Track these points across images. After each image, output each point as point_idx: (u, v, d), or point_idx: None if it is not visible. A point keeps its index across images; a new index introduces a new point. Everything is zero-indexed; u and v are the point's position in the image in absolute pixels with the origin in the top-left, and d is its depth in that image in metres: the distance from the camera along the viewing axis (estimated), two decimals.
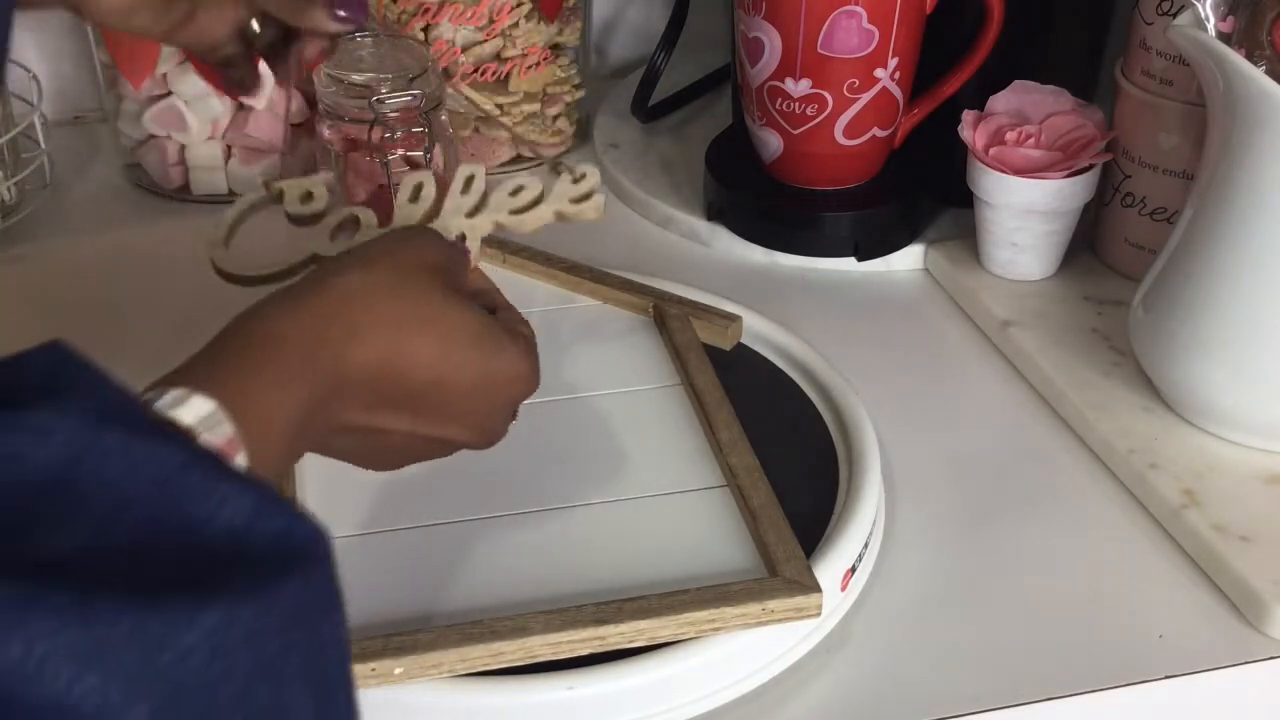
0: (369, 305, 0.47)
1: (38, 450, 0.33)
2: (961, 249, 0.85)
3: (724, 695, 0.55)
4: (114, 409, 0.36)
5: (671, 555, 0.57)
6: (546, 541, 0.59)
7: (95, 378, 0.37)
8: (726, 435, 0.63)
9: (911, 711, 0.56)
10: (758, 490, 0.60)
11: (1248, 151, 0.62)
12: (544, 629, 0.52)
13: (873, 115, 0.83)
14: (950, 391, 0.76)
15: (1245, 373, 0.66)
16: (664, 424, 0.66)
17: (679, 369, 0.69)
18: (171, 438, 0.37)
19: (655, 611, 0.53)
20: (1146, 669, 0.58)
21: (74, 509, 0.33)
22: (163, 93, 0.89)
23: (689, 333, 0.71)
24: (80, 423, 0.34)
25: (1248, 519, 0.64)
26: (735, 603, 0.53)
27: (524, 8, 0.92)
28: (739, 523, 0.59)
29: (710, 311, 0.73)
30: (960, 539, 0.65)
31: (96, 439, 0.34)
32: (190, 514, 0.35)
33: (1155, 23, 0.76)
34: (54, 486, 0.33)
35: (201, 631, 0.32)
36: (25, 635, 0.29)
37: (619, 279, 0.76)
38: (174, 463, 0.35)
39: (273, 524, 0.36)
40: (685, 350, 0.70)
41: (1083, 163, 0.78)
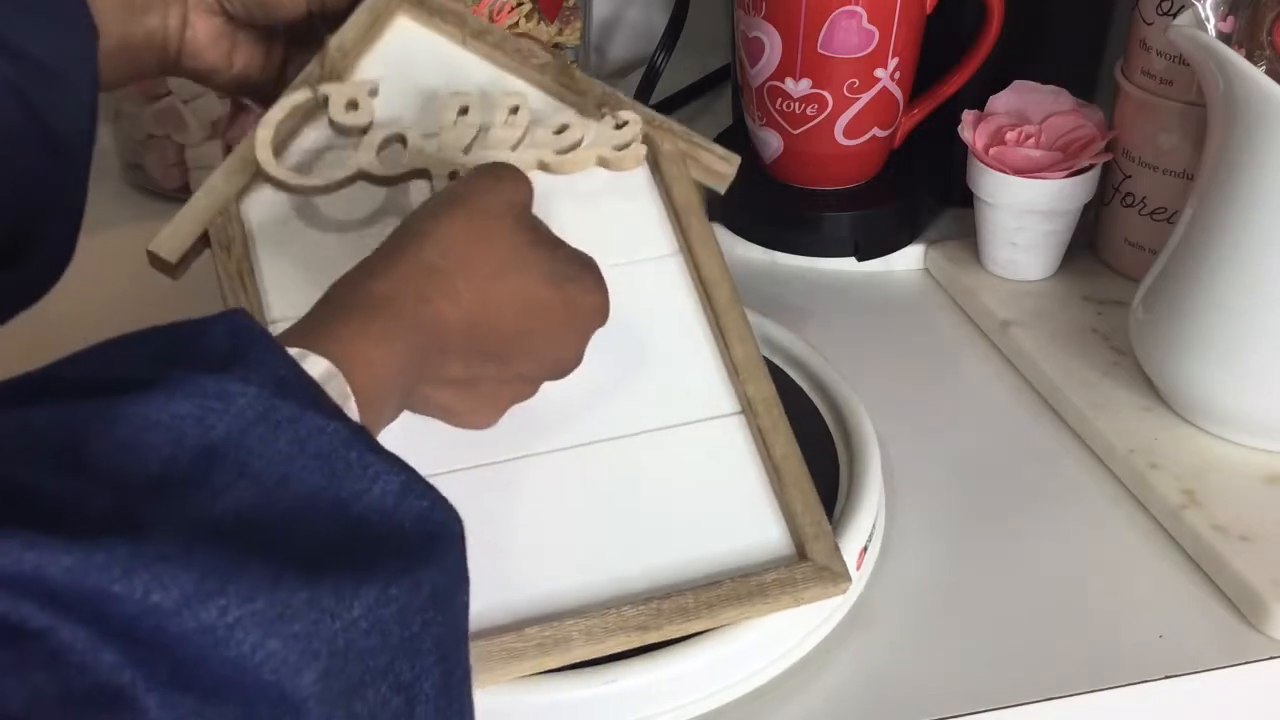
0: (462, 259, 0.49)
1: (222, 415, 0.35)
2: (961, 249, 0.85)
3: (725, 695, 0.55)
4: (289, 380, 0.38)
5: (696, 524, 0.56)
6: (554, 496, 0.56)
7: (272, 347, 0.39)
8: (741, 351, 0.59)
9: (911, 711, 0.56)
10: (779, 434, 0.57)
11: (1248, 151, 0.62)
12: (586, 640, 0.52)
13: (873, 115, 0.83)
14: (950, 391, 0.76)
15: (1245, 373, 0.66)
16: (662, 322, 0.59)
17: (678, 235, 0.62)
18: (336, 413, 0.39)
19: (693, 612, 0.53)
20: (1146, 669, 0.58)
21: (246, 473, 0.35)
22: (163, 93, 0.89)
23: (686, 186, 0.63)
24: (259, 391, 0.36)
25: (1248, 519, 0.64)
26: (769, 597, 0.53)
27: (524, 8, 0.92)
28: (760, 476, 0.57)
29: (705, 146, 0.66)
30: (960, 539, 0.65)
31: (273, 408, 0.36)
32: (347, 490, 0.37)
33: (1155, 23, 0.76)
34: (232, 450, 0.35)
35: (364, 605, 0.34)
36: (224, 601, 0.31)
37: (603, 93, 0.66)
38: (339, 438, 0.37)
39: (418, 504, 0.38)
40: (685, 212, 0.63)
41: (1083, 163, 0.78)
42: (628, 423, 0.58)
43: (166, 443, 0.34)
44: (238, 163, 0.60)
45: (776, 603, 0.53)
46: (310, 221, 0.61)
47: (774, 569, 0.54)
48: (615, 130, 0.62)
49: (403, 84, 0.63)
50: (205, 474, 0.35)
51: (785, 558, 0.55)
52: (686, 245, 0.62)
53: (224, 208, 0.59)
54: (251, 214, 0.60)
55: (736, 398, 0.59)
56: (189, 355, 0.37)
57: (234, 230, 0.59)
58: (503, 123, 0.60)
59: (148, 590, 0.30)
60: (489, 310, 0.49)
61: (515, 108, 0.61)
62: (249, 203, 0.60)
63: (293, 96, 0.59)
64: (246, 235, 0.59)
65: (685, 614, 0.53)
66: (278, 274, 0.59)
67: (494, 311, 0.49)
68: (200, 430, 0.35)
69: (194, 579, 0.31)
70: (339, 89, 0.59)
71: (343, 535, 0.36)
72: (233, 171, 0.60)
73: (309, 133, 0.61)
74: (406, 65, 0.64)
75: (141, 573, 0.31)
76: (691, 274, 0.61)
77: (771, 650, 0.56)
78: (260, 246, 0.59)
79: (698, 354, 0.60)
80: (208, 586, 0.31)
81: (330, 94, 0.59)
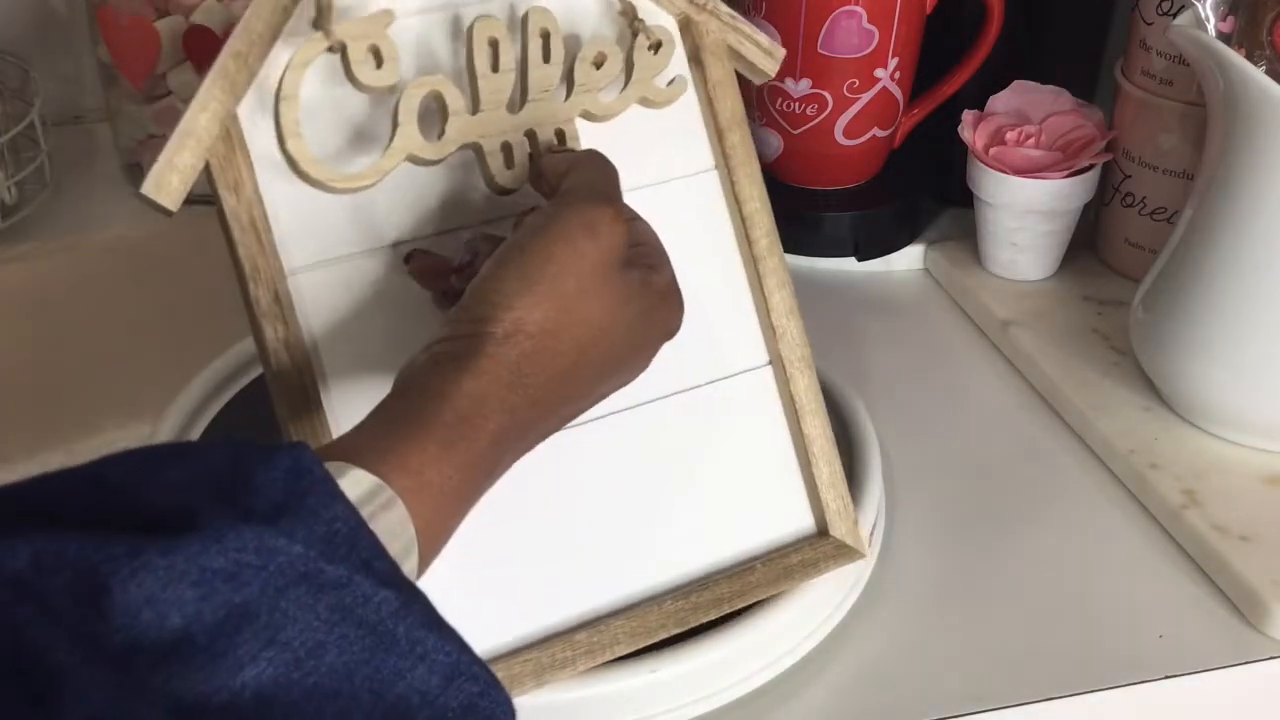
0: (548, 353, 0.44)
1: (259, 573, 0.33)
2: (961, 249, 0.85)
3: (725, 695, 0.55)
4: (342, 535, 0.35)
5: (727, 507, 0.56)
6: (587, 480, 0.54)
7: (330, 495, 0.36)
8: (779, 299, 0.55)
9: (911, 711, 0.56)
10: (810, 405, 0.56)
11: (1248, 151, 0.62)
12: (630, 638, 0.53)
13: (873, 115, 0.83)
14: (950, 391, 0.76)
15: (1245, 373, 0.66)
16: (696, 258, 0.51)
17: (718, 154, 0.56)
18: (390, 578, 0.35)
19: (728, 600, 0.54)
20: (1146, 669, 0.58)
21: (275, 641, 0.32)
22: (163, 93, 0.89)
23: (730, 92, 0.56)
24: (305, 550, 0.34)
25: (1248, 519, 0.64)
26: (794, 578, 0.55)
27: None
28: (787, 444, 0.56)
29: (751, 38, 0.58)
30: (960, 539, 0.65)
31: (318, 570, 0.34)
32: (389, 668, 0.34)
33: (1155, 23, 0.76)
34: (264, 612, 0.33)
35: None
36: None
37: None
38: (387, 609, 0.34)
39: (467, 689, 0.35)
40: (729, 128, 0.56)
41: (1083, 163, 0.78)
42: (662, 381, 0.53)
43: (193, 599, 0.32)
44: (234, 64, 0.47)
45: (800, 582, 0.55)
46: None
47: (798, 549, 0.56)
48: (652, 55, 0.53)
49: None
50: (231, 638, 0.32)
51: (809, 536, 0.56)
52: (728, 167, 0.55)
53: (225, 131, 0.48)
54: (254, 135, 0.48)
55: (768, 351, 0.56)
56: (240, 498, 0.34)
57: (239, 161, 0.48)
58: (540, 58, 0.51)
59: None
60: (570, 388, 0.45)
61: (546, 32, 0.51)
62: (244, 110, 0.48)
63: (303, 49, 0.47)
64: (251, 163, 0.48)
65: (720, 603, 0.54)
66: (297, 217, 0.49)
67: (576, 386, 0.45)
68: (233, 588, 0.32)
69: None
70: (357, 32, 0.47)
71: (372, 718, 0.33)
72: (231, 76, 0.47)
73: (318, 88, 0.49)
74: None
75: None
76: (730, 200, 0.56)
77: (772, 650, 0.56)
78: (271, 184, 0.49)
79: (734, 302, 0.55)
80: None
81: (347, 43, 0.47)
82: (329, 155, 0.49)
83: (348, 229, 0.50)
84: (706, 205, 0.55)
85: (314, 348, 0.49)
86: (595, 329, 0.45)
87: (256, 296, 0.48)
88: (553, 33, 0.51)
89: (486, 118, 0.50)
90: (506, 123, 0.51)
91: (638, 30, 0.53)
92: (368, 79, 0.48)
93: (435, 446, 0.40)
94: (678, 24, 0.56)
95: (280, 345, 0.48)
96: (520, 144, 0.51)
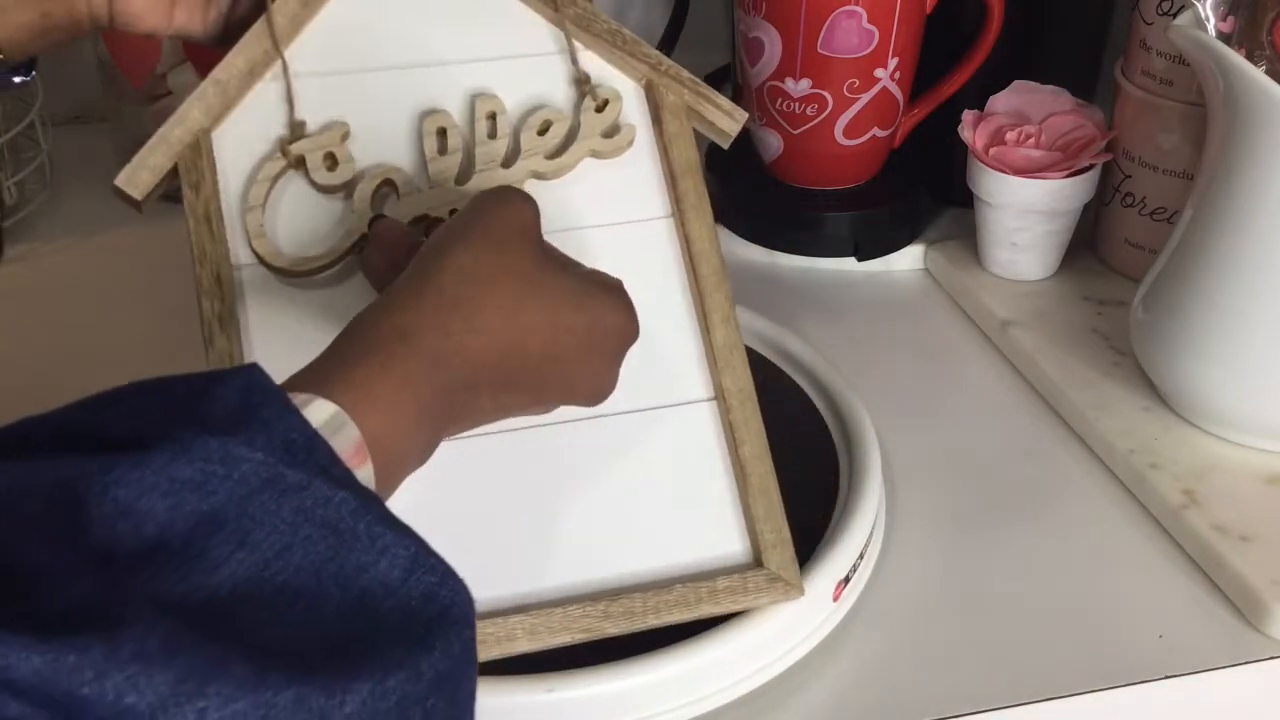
0: (482, 290, 0.47)
1: (225, 481, 0.34)
2: (961, 249, 0.85)
3: (725, 695, 0.55)
4: (298, 444, 0.37)
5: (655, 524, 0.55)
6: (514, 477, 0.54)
7: (284, 407, 0.38)
8: (721, 336, 0.57)
9: (911, 711, 0.56)
10: (749, 431, 0.56)
11: (1248, 151, 0.62)
12: (530, 638, 0.52)
13: (873, 115, 0.83)
14: (950, 391, 0.76)
15: (1245, 373, 0.66)
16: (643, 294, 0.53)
17: (672, 201, 0.59)
18: (346, 480, 0.38)
19: (640, 616, 0.53)
20: (1146, 669, 0.58)
21: (246, 542, 0.34)
22: (163, 93, 0.89)
23: (687, 145, 0.60)
24: (266, 457, 0.35)
25: (1248, 519, 0.64)
26: (719, 603, 0.53)
27: None
28: (726, 472, 0.56)
29: (710, 98, 0.61)
30: (960, 539, 0.65)
31: (279, 475, 0.35)
32: (352, 562, 0.36)
33: (1155, 23, 0.76)
34: (233, 517, 0.34)
35: (358, 700, 0.33)
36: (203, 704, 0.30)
37: (608, 28, 0.61)
38: (347, 508, 0.36)
39: (425, 580, 0.37)
40: (683, 175, 0.59)
41: (1083, 163, 0.78)
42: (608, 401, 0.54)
43: (165, 509, 0.33)
44: (213, 90, 0.56)
45: (727, 607, 0.53)
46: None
47: (727, 575, 0.54)
48: (598, 115, 0.59)
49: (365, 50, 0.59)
50: (203, 543, 0.34)
51: (740, 565, 0.55)
52: (679, 211, 0.59)
53: (196, 141, 0.56)
54: (223, 148, 0.56)
55: (711, 384, 0.57)
56: (199, 413, 0.36)
57: (204, 165, 0.55)
58: (486, 135, 0.58)
59: (120, 694, 0.29)
60: (515, 339, 0.47)
61: (492, 114, 0.58)
62: (220, 134, 0.56)
63: (266, 167, 0.56)
64: (216, 172, 0.56)
65: (632, 617, 0.53)
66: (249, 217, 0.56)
67: (520, 340, 0.47)
68: (201, 496, 0.34)
69: (171, 680, 0.30)
70: (312, 145, 0.56)
71: (344, 613, 0.35)
72: (208, 100, 0.56)
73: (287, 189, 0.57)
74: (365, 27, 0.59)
75: (114, 674, 0.29)
76: (680, 243, 0.58)
77: (771, 650, 0.56)
78: (229, 187, 0.56)
79: (677, 334, 0.57)
80: (186, 688, 0.30)
81: (305, 153, 0.56)
82: (294, 240, 0.56)
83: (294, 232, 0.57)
84: (658, 246, 0.58)
85: (246, 328, 0.54)
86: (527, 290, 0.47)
87: (199, 276, 0.54)
88: (499, 113, 0.58)
89: (435, 192, 0.57)
90: (454, 194, 0.57)
91: (586, 93, 0.59)
92: (324, 180, 0.56)
93: (376, 364, 0.43)
94: (643, 85, 0.61)
95: (214, 319, 0.53)
96: None
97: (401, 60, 0.59)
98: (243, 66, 0.57)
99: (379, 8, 0.60)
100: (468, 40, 0.60)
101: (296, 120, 0.57)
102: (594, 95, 0.59)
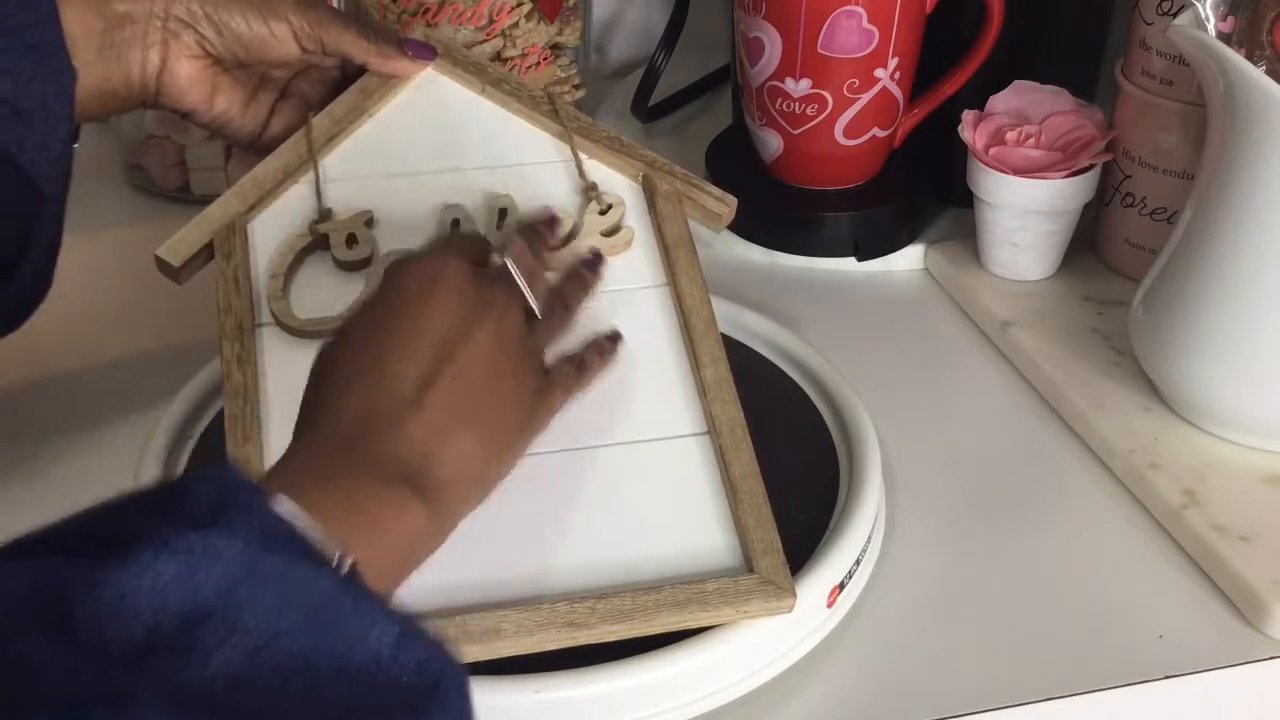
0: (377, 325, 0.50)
1: (208, 573, 0.35)
2: (961, 249, 0.85)
3: (725, 695, 0.55)
4: (276, 532, 0.38)
5: (646, 531, 0.56)
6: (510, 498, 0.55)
7: (259, 499, 0.39)
8: (711, 373, 0.60)
9: (911, 711, 0.56)
10: (740, 455, 0.57)
11: (1248, 151, 0.62)
12: (515, 632, 0.51)
13: (873, 115, 0.83)
14: (950, 391, 0.76)
15: (1245, 373, 0.66)
16: (640, 345, 0.61)
17: (665, 269, 0.65)
18: (323, 566, 0.39)
19: (628, 615, 0.52)
20: (1146, 669, 0.58)
21: (237, 629, 0.34)
22: None
23: (680, 223, 0.66)
24: (245, 545, 0.36)
25: (1248, 519, 0.64)
26: (709, 606, 0.53)
27: (524, 8, 0.92)
28: (718, 493, 0.57)
29: (703, 189, 0.68)
30: (960, 538, 0.65)
31: (260, 562, 0.36)
32: (343, 641, 0.36)
33: (1155, 23, 0.76)
34: (220, 607, 0.35)
35: None
36: None
37: (606, 136, 0.69)
38: (328, 588, 0.37)
39: (414, 653, 0.37)
40: (675, 247, 0.65)
41: (1083, 163, 0.78)
42: (593, 435, 0.58)
43: (150, 609, 0.34)
44: (250, 184, 0.64)
45: (717, 612, 0.53)
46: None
47: (716, 579, 0.54)
48: (601, 216, 0.65)
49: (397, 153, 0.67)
50: (192, 636, 0.34)
51: (730, 569, 0.55)
52: (672, 275, 0.64)
53: (232, 222, 0.63)
54: (256, 232, 0.64)
55: (703, 419, 0.59)
56: (178, 510, 0.37)
57: (236, 241, 0.63)
58: (496, 227, 0.64)
59: None
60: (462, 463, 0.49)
61: (504, 210, 0.64)
62: (256, 222, 0.64)
63: (293, 242, 0.62)
64: (248, 247, 0.63)
65: (620, 616, 0.52)
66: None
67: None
68: (186, 592, 0.34)
69: None
70: (337, 226, 0.63)
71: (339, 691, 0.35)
72: (245, 191, 0.64)
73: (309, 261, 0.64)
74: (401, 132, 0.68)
75: None
76: (674, 303, 0.63)
77: (771, 650, 0.56)
78: (258, 259, 0.62)
79: (669, 377, 0.61)
80: None
81: (329, 233, 0.63)
82: (309, 305, 0.61)
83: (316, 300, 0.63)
84: (655, 307, 0.63)
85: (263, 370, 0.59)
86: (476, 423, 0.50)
87: (223, 323, 0.60)
88: (510, 210, 0.65)
89: None
90: None
91: (592, 198, 0.66)
92: (343, 256, 0.63)
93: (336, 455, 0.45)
94: (639, 178, 0.68)
95: (233, 359, 0.58)
96: None
97: (423, 168, 0.67)
98: (279, 167, 0.65)
99: (403, 126, 0.68)
100: (483, 151, 0.68)
101: (325, 208, 0.64)
102: (599, 200, 0.66)
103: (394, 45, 0.67)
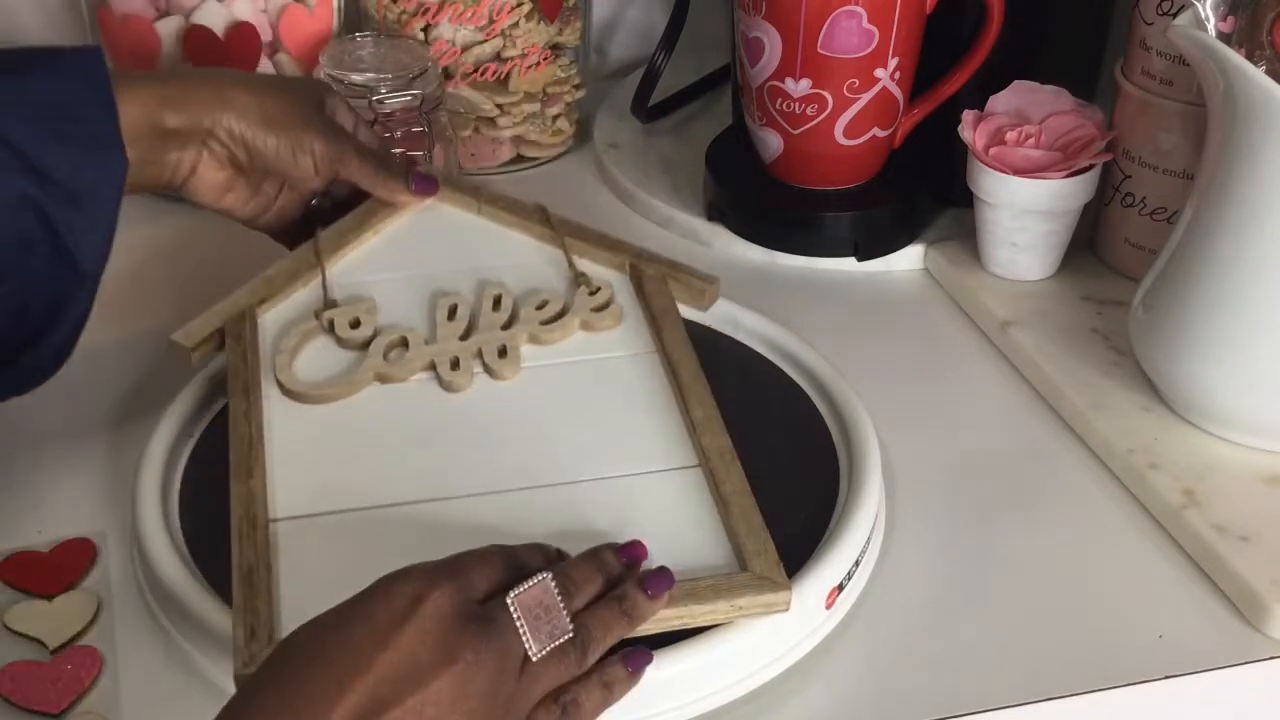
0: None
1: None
2: (961, 249, 0.85)
3: (725, 695, 0.55)
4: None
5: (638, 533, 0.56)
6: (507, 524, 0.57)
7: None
8: (700, 413, 0.63)
9: (911, 712, 0.56)
10: (730, 475, 0.59)
11: (1248, 151, 0.62)
12: None
13: (873, 115, 0.83)
14: (950, 391, 0.76)
15: (1245, 373, 0.66)
16: (635, 397, 0.65)
17: (654, 336, 0.68)
18: None
19: None
20: (1146, 669, 0.58)
21: None
22: None
23: (665, 297, 0.71)
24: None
25: (1248, 519, 0.64)
26: (703, 600, 0.53)
27: (524, 8, 0.92)
28: (711, 510, 0.58)
29: (687, 271, 0.73)
30: (960, 538, 0.65)
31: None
32: None
33: (1155, 23, 0.76)
34: None
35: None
36: None
37: (596, 234, 0.74)
38: None
39: None
40: (661, 316, 0.69)
41: (1083, 163, 0.78)
42: (593, 469, 0.61)
43: None
44: (261, 283, 0.70)
45: (712, 607, 0.53)
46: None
47: (710, 576, 0.54)
48: (590, 296, 0.70)
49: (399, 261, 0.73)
50: None
51: (724, 567, 0.55)
52: (659, 338, 0.68)
53: (243, 312, 0.68)
54: (266, 321, 0.69)
55: (694, 453, 0.61)
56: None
57: (246, 326, 0.68)
58: (490, 308, 0.69)
59: None
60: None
61: (498, 296, 0.69)
62: (266, 317, 0.69)
63: (300, 326, 0.67)
64: (257, 331, 0.68)
65: None
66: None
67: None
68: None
69: None
70: (341, 313, 0.68)
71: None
72: (256, 288, 0.69)
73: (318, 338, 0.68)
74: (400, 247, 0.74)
75: None
76: (664, 364, 0.67)
77: (771, 651, 0.56)
78: (266, 341, 0.67)
79: (661, 421, 0.64)
80: None
81: (335, 318, 0.68)
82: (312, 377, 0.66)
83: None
84: (646, 366, 0.67)
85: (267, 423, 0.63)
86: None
87: (233, 388, 0.65)
88: (504, 294, 0.70)
89: (441, 346, 0.67)
90: (457, 347, 0.67)
91: (581, 284, 0.71)
92: (347, 336, 0.67)
93: None
94: (626, 266, 0.73)
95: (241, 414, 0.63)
96: (467, 356, 0.66)
97: (423, 271, 0.72)
98: (290, 269, 0.71)
99: (405, 240, 0.74)
100: (480, 255, 0.73)
101: (330, 299, 0.69)
102: (588, 285, 0.71)
103: (399, 180, 0.73)
